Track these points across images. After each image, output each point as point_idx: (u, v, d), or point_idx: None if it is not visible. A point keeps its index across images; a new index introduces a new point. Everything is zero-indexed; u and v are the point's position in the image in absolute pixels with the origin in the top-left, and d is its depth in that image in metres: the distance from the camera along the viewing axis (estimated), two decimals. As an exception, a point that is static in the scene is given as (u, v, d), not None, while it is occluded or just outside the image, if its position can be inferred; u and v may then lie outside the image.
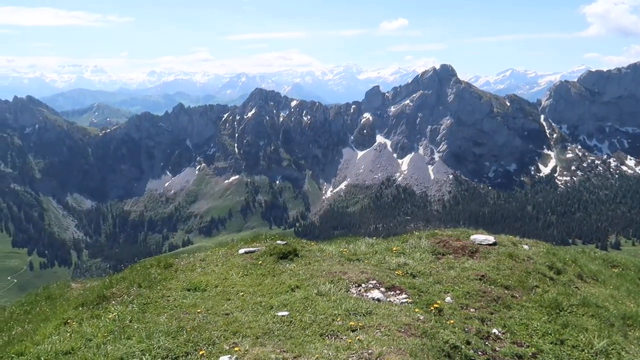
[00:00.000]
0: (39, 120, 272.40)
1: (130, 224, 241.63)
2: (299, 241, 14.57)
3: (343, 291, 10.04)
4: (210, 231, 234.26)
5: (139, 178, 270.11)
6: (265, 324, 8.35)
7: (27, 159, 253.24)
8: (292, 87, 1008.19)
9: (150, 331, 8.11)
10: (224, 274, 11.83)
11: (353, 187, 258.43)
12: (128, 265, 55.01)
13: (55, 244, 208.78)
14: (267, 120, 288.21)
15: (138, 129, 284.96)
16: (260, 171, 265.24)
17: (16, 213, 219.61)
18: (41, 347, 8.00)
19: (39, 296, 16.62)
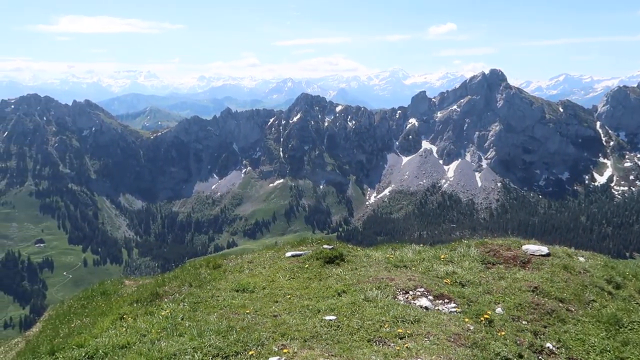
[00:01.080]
0: (96, 124, 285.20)
1: (178, 224, 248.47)
2: (345, 246, 14.58)
3: (390, 298, 9.97)
4: (255, 234, 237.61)
5: (187, 180, 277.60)
6: (313, 327, 8.41)
7: (84, 160, 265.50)
8: (337, 92, 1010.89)
9: (201, 329, 8.32)
10: (271, 276, 12.00)
11: (397, 193, 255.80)
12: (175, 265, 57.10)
13: (107, 242, 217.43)
14: (312, 124, 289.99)
15: (187, 133, 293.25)
16: (305, 175, 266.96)
17: (73, 212, 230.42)
18: (99, 340, 8.36)
19: (95, 291, 17.38)
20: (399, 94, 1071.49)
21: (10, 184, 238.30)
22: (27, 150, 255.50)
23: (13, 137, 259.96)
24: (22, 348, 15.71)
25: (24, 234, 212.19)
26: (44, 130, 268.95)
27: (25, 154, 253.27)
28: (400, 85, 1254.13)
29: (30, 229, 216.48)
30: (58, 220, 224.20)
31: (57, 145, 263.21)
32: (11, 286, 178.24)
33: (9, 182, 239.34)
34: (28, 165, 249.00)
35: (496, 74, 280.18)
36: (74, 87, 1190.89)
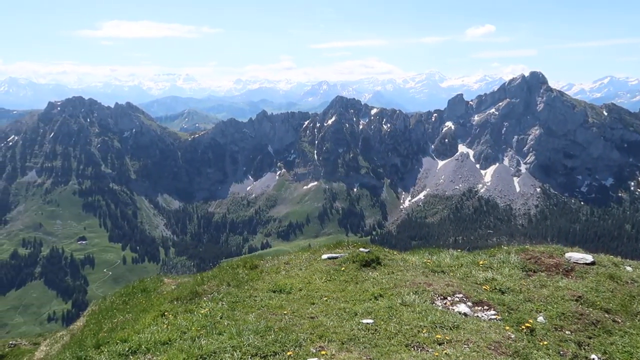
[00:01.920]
0: (136, 125, 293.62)
1: (214, 225, 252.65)
2: (382, 250, 14.51)
3: (428, 303, 9.86)
4: (288, 235, 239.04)
5: (223, 181, 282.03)
6: (350, 330, 8.40)
7: (125, 160, 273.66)
8: (372, 95, 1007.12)
9: (240, 329, 8.44)
10: (307, 278, 12.06)
11: (432, 197, 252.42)
12: (210, 264, 58.18)
13: (146, 240, 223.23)
14: (347, 127, 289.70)
15: (223, 135, 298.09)
16: (339, 178, 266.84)
17: (113, 210, 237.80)
18: (142, 336, 8.59)
19: (136, 288, 17.91)
20: (435, 97, 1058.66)
21: (56, 183, 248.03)
22: (71, 150, 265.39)
23: (59, 137, 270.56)
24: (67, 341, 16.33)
25: (67, 231, 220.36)
26: (88, 132, 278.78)
27: (70, 154, 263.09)
28: (437, 88, 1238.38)
29: (74, 226, 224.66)
30: (99, 219, 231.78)
31: (99, 146, 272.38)
32: (55, 281, 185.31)
33: (54, 181, 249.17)
34: (72, 165, 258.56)
35: (536, 76, 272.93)
36: (116, 90, 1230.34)
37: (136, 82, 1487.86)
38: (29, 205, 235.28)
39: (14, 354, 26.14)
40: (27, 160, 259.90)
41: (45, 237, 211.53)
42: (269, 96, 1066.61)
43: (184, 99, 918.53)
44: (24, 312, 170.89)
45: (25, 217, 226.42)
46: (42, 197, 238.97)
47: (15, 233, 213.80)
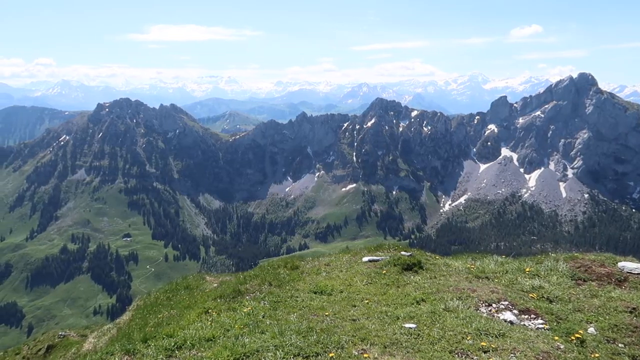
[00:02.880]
0: (179, 126, 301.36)
1: (253, 225, 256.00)
2: (423, 254, 14.33)
3: (472, 309, 9.66)
4: (326, 237, 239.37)
5: (263, 182, 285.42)
6: (392, 334, 8.32)
7: (168, 160, 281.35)
8: (413, 97, 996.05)
9: (282, 328, 8.51)
10: (348, 280, 12.05)
11: (474, 202, 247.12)
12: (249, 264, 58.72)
13: (187, 239, 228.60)
14: (387, 129, 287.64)
15: (264, 136, 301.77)
16: (377, 180, 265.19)
17: (157, 209, 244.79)
18: (187, 332, 8.79)
19: (179, 285, 18.38)
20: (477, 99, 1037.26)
21: (103, 181, 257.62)
22: (118, 150, 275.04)
23: (107, 138, 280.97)
24: (115, 334, 16.91)
25: (113, 228, 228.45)
26: (134, 132, 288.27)
27: (117, 154, 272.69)
28: (480, 90, 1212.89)
29: (119, 223, 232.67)
30: (143, 217, 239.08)
31: (144, 146, 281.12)
32: (101, 276, 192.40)
33: (102, 179, 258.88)
34: (119, 164, 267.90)
35: (585, 77, 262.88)
36: (161, 92, 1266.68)
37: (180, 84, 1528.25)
38: (78, 202, 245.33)
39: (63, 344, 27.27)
40: (77, 159, 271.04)
41: (92, 234, 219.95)
42: (309, 98, 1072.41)
43: (226, 100, 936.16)
44: (72, 304, 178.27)
45: (75, 214, 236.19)
46: (91, 195, 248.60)
47: (65, 229, 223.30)
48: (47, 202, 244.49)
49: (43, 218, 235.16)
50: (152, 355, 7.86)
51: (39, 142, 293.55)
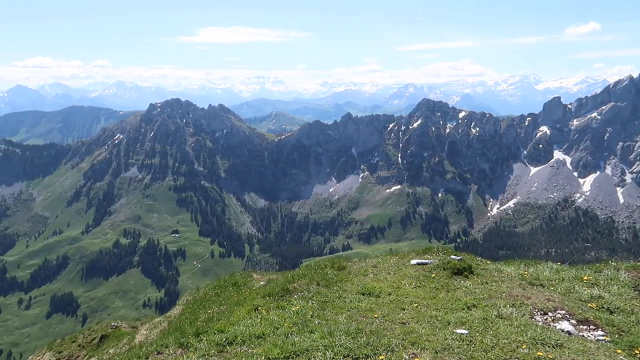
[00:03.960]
0: (227, 126, 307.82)
1: (297, 224, 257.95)
2: (474, 258, 13.98)
3: (527, 317, 9.33)
4: (369, 238, 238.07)
5: (307, 182, 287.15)
6: (444, 339, 8.15)
7: (216, 159, 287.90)
8: (461, 98, 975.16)
9: (331, 329, 8.50)
10: (396, 282, 11.92)
11: (523, 206, 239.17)
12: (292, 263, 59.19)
13: (232, 236, 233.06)
14: (433, 131, 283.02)
15: (309, 136, 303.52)
16: (423, 182, 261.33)
17: (204, 207, 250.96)
18: (237, 328, 8.93)
19: (227, 282, 18.72)
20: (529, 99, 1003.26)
21: (154, 179, 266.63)
22: (168, 149, 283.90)
23: (158, 137, 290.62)
24: (165, 327, 17.44)
25: (163, 224, 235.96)
26: (183, 132, 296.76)
27: (167, 152, 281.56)
28: (531, 91, 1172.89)
29: (168, 220, 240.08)
30: (191, 214, 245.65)
31: (193, 145, 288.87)
32: (150, 270, 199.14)
33: (152, 177, 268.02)
34: (169, 162, 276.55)
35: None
36: (210, 92, 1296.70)
37: (228, 85, 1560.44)
38: (130, 198, 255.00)
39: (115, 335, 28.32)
40: (130, 157, 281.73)
41: (143, 229, 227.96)
42: (354, 98, 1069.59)
43: (272, 101, 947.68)
44: (123, 296, 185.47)
45: (127, 210, 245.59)
46: (142, 192, 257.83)
47: (118, 224, 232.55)
48: (101, 198, 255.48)
49: (98, 213, 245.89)
50: (205, 350, 8.04)
51: (95, 140, 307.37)
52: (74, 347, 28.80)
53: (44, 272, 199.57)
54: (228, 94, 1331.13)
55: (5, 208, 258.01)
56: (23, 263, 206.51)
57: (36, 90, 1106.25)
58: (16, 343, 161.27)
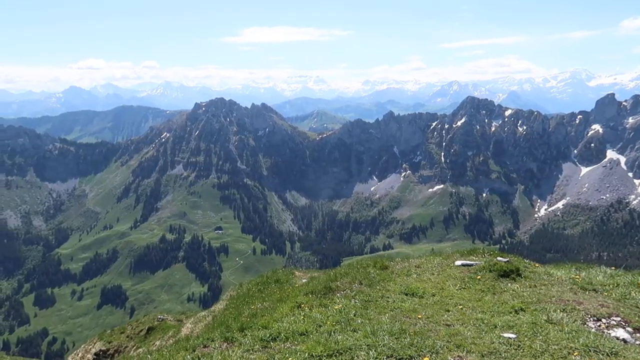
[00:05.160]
0: (269, 125, 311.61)
1: (337, 223, 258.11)
2: (521, 260, 13.58)
3: (579, 323, 8.97)
4: (411, 238, 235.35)
5: (348, 181, 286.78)
6: (490, 342, 7.95)
7: (258, 158, 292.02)
8: (507, 95, 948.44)
9: (375, 328, 8.45)
10: (440, 283, 11.73)
11: (573, 207, 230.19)
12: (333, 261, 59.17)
13: (274, 234, 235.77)
14: (478, 129, 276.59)
15: (350, 135, 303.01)
16: (467, 182, 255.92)
17: (246, 204, 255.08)
18: (281, 325, 9.02)
19: (269, 279, 18.97)
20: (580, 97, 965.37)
21: (199, 176, 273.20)
22: (212, 147, 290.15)
23: (202, 135, 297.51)
24: (210, 321, 17.86)
25: (206, 221, 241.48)
26: (227, 130, 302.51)
27: (211, 151, 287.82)
28: (583, 87, 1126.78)
29: (212, 216, 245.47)
30: (234, 211, 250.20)
31: (236, 144, 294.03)
32: (194, 265, 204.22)
33: (197, 174, 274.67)
34: (213, 160, 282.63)
35: None
36: (253, 92, 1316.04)
37: (271, 84, 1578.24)
38: (176, 195, 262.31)
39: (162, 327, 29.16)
40: (176, 155, 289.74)
41: (188, 225, 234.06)
42: (397, 97, 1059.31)
43: (314, 100, 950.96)
44: (168, 290, 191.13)
45: (173, 206, 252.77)
46: (187, 189, 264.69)
47: (164, 220, 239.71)
48: (149, 194, 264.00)
49: (145, 209, 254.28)
50: (249, 345, 8.16)
51: (144, 139, 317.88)
52: (123, 337, 29.92)
53: (95, 265, 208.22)
54: (271, 93, 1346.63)
55: (60, 203, 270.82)
56: (76, 256, 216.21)
57: (89, 91, 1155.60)
58: (69, 332, 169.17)
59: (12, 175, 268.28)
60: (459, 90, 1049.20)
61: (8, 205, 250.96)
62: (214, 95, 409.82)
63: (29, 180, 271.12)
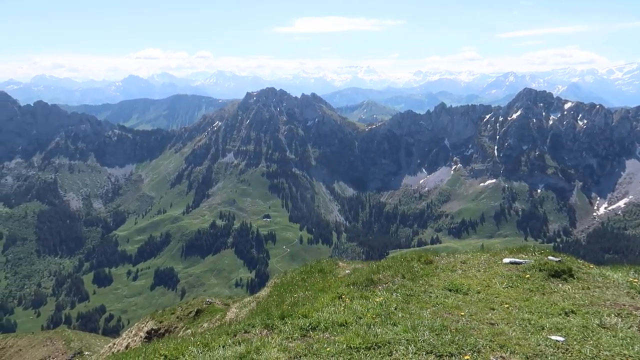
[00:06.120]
0: (319, 115, 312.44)
1: (385, 215, 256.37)
2: (575, 261, 12.98)
3: (634, 329, 8.47)
4: (460, 233, 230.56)
5: (396, 173, 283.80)
6: (536, 344, 7.65)
7: (307, 147, 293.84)
8: (567, 88, 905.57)
9: (415, 323, 8.32)
10: (486, 280, 11.41)
11: (636, 206, 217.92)
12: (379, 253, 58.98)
13: (321, 224, 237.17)
14: (534, 122, 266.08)
15: (400, 126, 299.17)
16: (520, 177, 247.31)
17: (294, 193, 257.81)
18: (321, 315, 9.04)
19: (313, 268, 19.07)
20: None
21: (249, 165, 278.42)
22: (262, 136, 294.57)
23: (253, 124, 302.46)
24: (254, 307, 18.21)
25: (255, 209, 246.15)
26: (277, 120, 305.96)
27: (261, 140, 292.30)
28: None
29: (260, 204, 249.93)
30: (282, 200, 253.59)
31: (286, 133, 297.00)
32: (243, 252, 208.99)
33: (247, 163, 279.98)
34: (262, 149, 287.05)
35: None
36: (303, 82, 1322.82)
37: (321, 74, 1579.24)
38: (226, 183, 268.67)
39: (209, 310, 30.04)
40: (227, 144, 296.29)
41: (237, 212, 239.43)
42: (449, 88, 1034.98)
43: (364, 90, 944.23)
44: (217, 275, 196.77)
45: (223, 193, 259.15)
46: (237, 177, 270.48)
47: (215, 206, 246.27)
48: (200, 181, 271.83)
49: (197, 195, 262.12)
50: (289, 332, 8.23)
51: (197, 127, 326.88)
52: (173, 318, 31.08)
53: (149, 247, 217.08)
54: (321, 83, 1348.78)
55: (118, 187, 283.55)
56: (132, 238, 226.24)
57: (146, 80, 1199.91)
58: (125, 310, 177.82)
59: (75, 159, 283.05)
60: (515, 82, 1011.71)
61: (71, 188, 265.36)
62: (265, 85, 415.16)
63: (90, 165, 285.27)
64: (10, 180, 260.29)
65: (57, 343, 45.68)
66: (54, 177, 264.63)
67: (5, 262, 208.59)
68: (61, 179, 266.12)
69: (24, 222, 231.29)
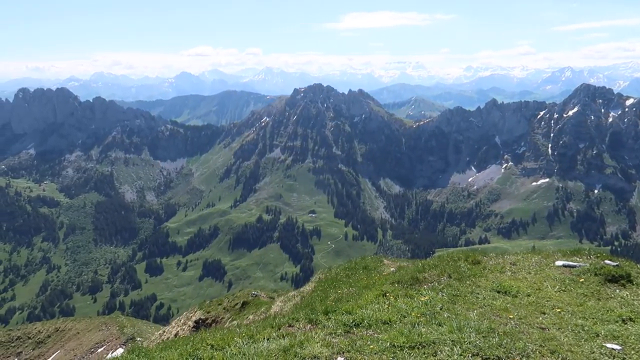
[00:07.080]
0: (365, 111, 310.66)
1: (432, 213, 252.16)
2: (634, 265, 12.34)
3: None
4: (510, 233, 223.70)
5: (444, 170, 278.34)
6: (590, 352, 7.34)
7: (353, 144, 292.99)
8: (629, 83, 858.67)
9: (461, 324, 8.15)
10: (537, 283, 11.04)
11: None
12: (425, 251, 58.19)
13: (366, 220, 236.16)
14: (592, 120, 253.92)
15: (449, 123, 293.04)
16: (576, 177, 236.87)
17: (340, 189, 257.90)
18: (364, 312, 9.01)
19: (358, 265, 19.07)
20: None
21: (295, 160, 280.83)
22: (309, 132, 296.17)
23: (300, 120, 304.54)
24: (298, 301, 18.41)
25: (301, 204, 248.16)
26: (324, 116, 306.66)
27: (308, 136, 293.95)
28: None
29: (306, 200, 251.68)
30: (328, 195, 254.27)
31: (332, 130, 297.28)
32: (288, 246, 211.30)
33: (294, 158, 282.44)
34: (309, 145, 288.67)
35: None
36: (350, 78, 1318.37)
37: (369, 70, 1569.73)
38: (273, 178, 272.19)
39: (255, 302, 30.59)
40: (274, 139, 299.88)
41: (283, 207, 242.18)
42: (501, 84, 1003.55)
43: (412, 86, 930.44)
44: (263, 268, 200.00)
45: (270, 188, 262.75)
46: (284, 172, 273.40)
47: (261, 201, 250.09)
48: (248, 176, 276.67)
49: (245, 190, 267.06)
50: (332, 328, 8.25)
51: (245, 122, 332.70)
52: (220, 309, 31.87)
53: (199, 239, 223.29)
54: (368, 79, 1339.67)
55: (170, 180, 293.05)
56: (182, 230, 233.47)
57: (197, 76, 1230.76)
58: (174, 299, 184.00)
59: (130, 153, 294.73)
60: (572, 77, 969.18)
61: (126, 180, 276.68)
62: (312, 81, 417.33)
63: (143, 159, 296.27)
64: (71, 172, 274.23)
65: (112, 328, 47.89)
66: (110, 170, 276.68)
67: (65, 250, 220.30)
68: (117, 171, 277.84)
69: (83, 212, 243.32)
